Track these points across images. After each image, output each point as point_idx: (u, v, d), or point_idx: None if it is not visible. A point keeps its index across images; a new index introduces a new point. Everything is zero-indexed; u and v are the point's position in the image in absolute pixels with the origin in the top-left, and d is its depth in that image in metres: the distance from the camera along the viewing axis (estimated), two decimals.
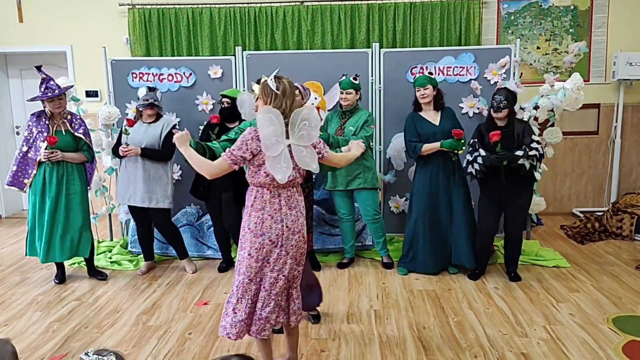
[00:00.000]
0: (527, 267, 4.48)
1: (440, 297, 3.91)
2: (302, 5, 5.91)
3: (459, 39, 5.85)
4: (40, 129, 4.13)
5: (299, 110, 2.54)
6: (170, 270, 4.62)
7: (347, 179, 4.37)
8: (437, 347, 3.16)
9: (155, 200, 4.32)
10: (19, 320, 3.65)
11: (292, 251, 2.66)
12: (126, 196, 4.37)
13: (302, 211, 2.71)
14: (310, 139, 2.57)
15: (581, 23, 5.99)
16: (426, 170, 4.25)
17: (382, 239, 4.56)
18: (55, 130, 4.13)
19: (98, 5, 6.15)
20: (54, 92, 4.04)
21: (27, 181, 4.17)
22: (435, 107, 4.25)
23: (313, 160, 2.59)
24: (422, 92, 4.18)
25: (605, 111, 6.13)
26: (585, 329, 3.35)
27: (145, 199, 4.30)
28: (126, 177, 4.37)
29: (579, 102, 4.47)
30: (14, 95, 6.71)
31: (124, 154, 4.20)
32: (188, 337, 3.36)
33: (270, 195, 2.59)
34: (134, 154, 4.20)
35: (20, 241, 5.59)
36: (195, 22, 5.97)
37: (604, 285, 4.07)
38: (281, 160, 2.53)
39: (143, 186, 4.28)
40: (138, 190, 4.30)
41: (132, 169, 4.33)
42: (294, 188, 2.67)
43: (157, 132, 4.30)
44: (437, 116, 4.24)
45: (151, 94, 4.31)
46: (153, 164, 4.30)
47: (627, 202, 5.54)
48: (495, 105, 3.97)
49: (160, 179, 4.33)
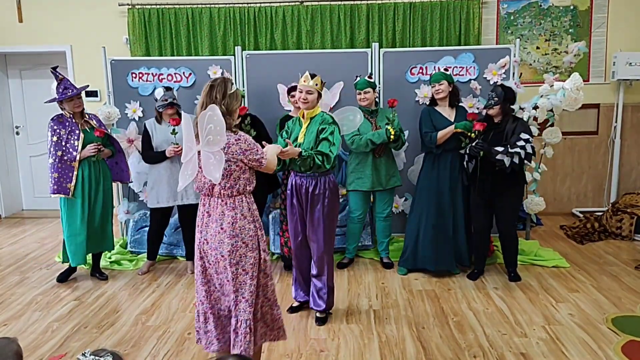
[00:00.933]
0: (526, 267, 4.48)
1: (440, 297, 3.91)
2: (302, 5, 5.91)
3: (458, 39, 5.85)
4: (69, 129, 4.12)
5: (204, 113, 2.37)
6: (170, 270, 4.62)
7: (387, 178, 4.39)
8: (437, 347, 3.16)
9: (186, 197, 4.42)
10: (19, 320, 3.65)
11: (214, 266, 2.51)
12: (177, 196, 4.38)
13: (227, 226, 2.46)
14: (218, 142, 2.35)
15: (581, 23, 5.99)
16: (433, 168, 4.25)
17: (387, 239, 4.58)
18: (82, 129, 4.15)
19: (98, 5, 6.15)
20: (73, 92, 4.05)
21: (70, 185, 4.12)
22: (451, 103, 4.27)
23: (218, 168, 2.35)
24: (437, 88, 4.20)
25: (605, 111, 6.13)
26: (584, 329, 3.35)
27: (180, 196, 4.39)
28: (170, 179, 4.34)
29: (579, 102, 4.47)
30: (14, 95, 6.70)
31: (177, 153, 4.19)
32: (187, 337, 3.36)
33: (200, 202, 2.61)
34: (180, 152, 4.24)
35: (19, 241, 5.60)
36: (195, 22, 5.97)
37: (603, 286, 4.07)
38: (189, 167, 2.48)
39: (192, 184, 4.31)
40: (190, 188, 4.29)
41: (177, 169, 4.29)
42: (219, 199, 2.49)
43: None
44: (452, 112, 4.26)
45: (169, 94, 4.32)
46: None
47: (626, 202, 5.54)
48: (487, 101, 4.05)
49: None
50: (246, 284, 2.50)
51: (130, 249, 4.99)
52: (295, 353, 3.13)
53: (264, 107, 4.88)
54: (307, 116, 3.36)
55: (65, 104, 4.10)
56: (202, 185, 2.54)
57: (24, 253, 5.16)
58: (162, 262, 4.82)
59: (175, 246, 4.89)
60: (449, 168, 4.22)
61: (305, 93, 3.29)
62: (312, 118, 3.35)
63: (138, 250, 4.92)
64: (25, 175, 6.87)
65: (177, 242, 4.87)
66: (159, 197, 4.40)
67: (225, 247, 2.46)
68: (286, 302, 3.77)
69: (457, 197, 4.25)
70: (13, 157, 6.80)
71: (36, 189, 6.83)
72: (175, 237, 4.88)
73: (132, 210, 5.03)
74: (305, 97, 3.29)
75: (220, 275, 2.53)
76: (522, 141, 3.89)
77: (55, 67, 4.13)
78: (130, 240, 5.00)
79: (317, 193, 3.35)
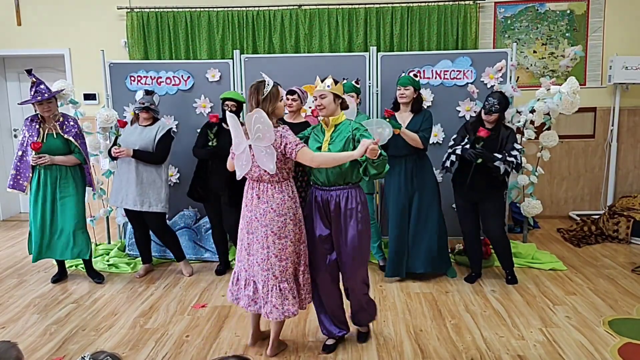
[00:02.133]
0: (523, 269, 4.49)
1: (437, 300, 3.92)
2: (300, 9, 5.93)
3: (456, 43, 5.88)
4: (31, 132, 4.15)
5: (250, 114, 2.78)
6: (168, 272, 4.63)
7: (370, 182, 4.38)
8: (434, 350, 3.17)
9: (147, 204, 4.32)
10: (16, 323, 3.65)
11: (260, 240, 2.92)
12: (119, 199, 4.38)
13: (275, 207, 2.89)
14: (266, 139, 2.76)
15: (577, 27, 6.02)
16: (391, 174, 4.20)
17: (377, 243, 4.59)
18: (46, 134, 4.14)
19: (96, 8, 6.16)
20: (43, 96, 4.04)
21: (26, 183, 4.21)
22: (412, 109, 4.17)
23: (270, 160, 2.78)
24: (402, 92, 4.10)
25: (602, 115, 6.16)
26: (581, 331, 3.36)
27: (137, 202, 4.30)
28: (119, 180, 4.39)
29: (575, 106, 4.49)
30: (12, 98, 6.71)
31: (116, 154, 4.21)
32: (185, 339, 3.36)
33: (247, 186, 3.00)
34: (125, 154, 4.20)
35: (17, 244, 5.59)
36: (194, 26, 5.99)
37: (600, 288, 4.08)
38: (242, 158, 2.90)
39: (135, 189, 4.29)
40: (130, 193, 4.31)
41: (125, 172, 4.35)
42: (268, 184, 2.90)
43: (151, 135, 4.31)
44: (408, 118, 4.16)
45: (148, 98, 4.32)
46: (146, 167, 4.31)
47: (623, 205, 5.57)
48: (487, 107, 3.98)
49: (153, 183, 4.33)
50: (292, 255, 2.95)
51: (127, 251, 4.99)
52: (293, 355, 3.14)
53: None
54: (332, 123, 3.00)
55: (36, 107, 4.12)
56: (253, 173, 2.91)
57: (21, 256, 5.16)
58: (159, 264, 4.82)
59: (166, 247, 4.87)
60: (403, 174, 4.18)
61: (318, 98, 2.96)
62: (337, 125, 3.01)
63: (135, 253, 4.91)
64: None
65: None
66: (111, 196, 4.45)
67: (275, 224, 2.88)
68: None
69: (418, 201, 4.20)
70: (11, 159, 6.76)
71: None
72: None
73: None
74: (319, 103, 2.96)
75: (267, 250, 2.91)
76: (516, 151, 3.95)
77: (29, 70, 4.12)
78: (128, 243, 5.00)
79: (350, 207, 2.98)
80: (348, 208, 2.97)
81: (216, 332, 3.46)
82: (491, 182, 4.02)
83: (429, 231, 4.23)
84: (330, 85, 2.97)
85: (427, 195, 4.22)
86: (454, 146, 4.07)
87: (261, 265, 2.92)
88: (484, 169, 3.95)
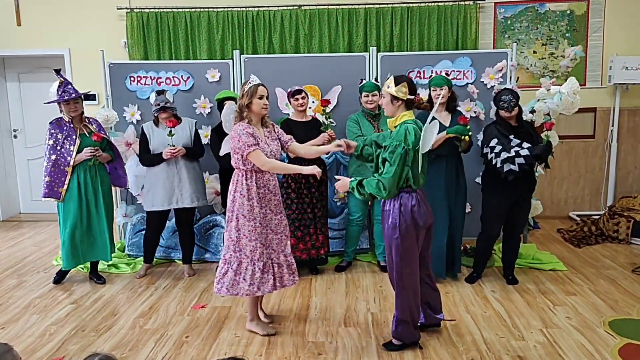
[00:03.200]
0: (524, 270, 4.49)
1: None
2: (300, 9, 5.93)
3: (455, 43, 5.87)
4: (66, 133, 4.14)
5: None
6: (168, 273, 4.62)
7: None
8: (435, 350, 3.16)
9: (201, 199, 4.46)
10: (16, 324, 3.64)
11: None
12: (173, 200, 4.36)
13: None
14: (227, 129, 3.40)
15: (577, 27, 6.02)
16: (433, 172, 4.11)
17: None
18: (79, 134, 4.15)
19: (96, 8, 6.15)
20: (70, 95, 4.05)
21: (62, 189, 4.14)
22: (448, 108, 4.20)
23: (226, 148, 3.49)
24: (438, 92, 4.08)
25: (602, 115, 6.16)
26: (582, 332, 3.36)
27: (194, 199, 4.39)
28: (163, 182, 4.34)
29: (575, 106, 4.49)
30: (12, 98, 6.70)
31: (174, 155, 4.23)
32: (185, 340, 3.36)
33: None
34: (182, 154, 4.28)
35: (17, 244, 5.59)
36: (193, 26, 5.98)
37: (600, 289, 4.08)
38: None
39: (190, 187, 4.35)
40: (185, 192, 4.34)
41: (172, 172, 4.33)
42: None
43: (186, 132, 4.39)
44: (448, 118, 4.17)
45: (161, 98, 4.32)
46: (193, 164, 4.42)
47: (623, 206, 5.56)
48: (506, 105, 3.96)
49: (200, 178, 4.50)
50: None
51: (128, 252, 4.99)
52: (293, 356, 3.13)
53: None
54: (390, 125, 3.08)
55: (62, 107, 4.12)
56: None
57: (21, 256, 5.16)
58: (159, 265, 4.82)
59: (173, 249, 4.89)
60: (443, 173, 4.12)
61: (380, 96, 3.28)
62: (396, 126, 3.02)
63: (136, 253, 4.91)
64: (22, 178, 6.86)
65: (175, 245, 4.86)
66: (154, 200, 4.39)
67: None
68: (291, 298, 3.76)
69: (453, 203, 4.20)
70: (11, 160, 6.79)
71: (34, 192, 6.81)
72: (172, 240, 4.87)
73: (130, 214, 5.02)
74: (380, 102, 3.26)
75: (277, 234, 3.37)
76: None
77: (58, 70, 4.14)
78: (128, 244, 4.99)
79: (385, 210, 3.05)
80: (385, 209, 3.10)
81: (216, 332, 3.46)
82: (529, 182, 4.04)
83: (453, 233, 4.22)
84: (390, 86, 3.03)
85: (462, 197, 4.25)
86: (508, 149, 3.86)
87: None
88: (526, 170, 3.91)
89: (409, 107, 3.05)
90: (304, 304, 3.91)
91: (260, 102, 3.22)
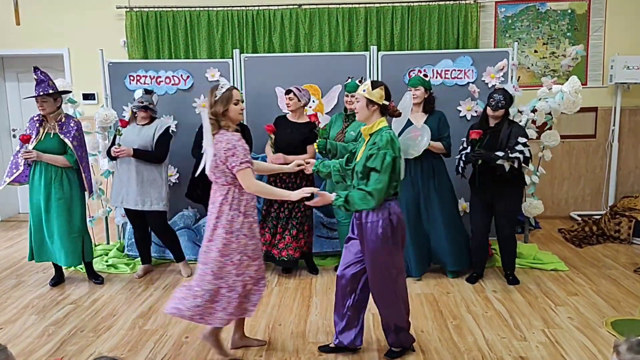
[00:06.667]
0: (525, 270, 4.47)
1: (439, 301, 3.89)
2: (300, 9, 5.91)
3: (456, 42, 5.86)
4: (31, 130, 4.14)
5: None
6: (167, 273, 4.60)
7: None
8: (436, 351, 3.14)
9: (149, 203, 4.31)
10: (14, 324, 3.62)
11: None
12: (119, 198, 4.36)
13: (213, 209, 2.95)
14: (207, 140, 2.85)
15: (578, 27, 6.00)
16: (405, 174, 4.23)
17: None
18: (45, 133, 4.12)
19: (95, 7, 6.13)
20: (38, 93, 4.02)
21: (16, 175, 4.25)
22: (424, 110, 4.25)
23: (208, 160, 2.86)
24: (413, 93, 4.13)
25: (603, 115, 6.14)
26: (583, 332, 3.34)
27: (138, 201, 4.29)
28: (119, 180, 4.37)
29: (577, 106, 4.47)
30: (11, 97, 6.68)
31: (116, 154, 4.19)
32: (185, 341, 3.34)
33: None
34: (126, 154, 4.18)
35: (16, 244, 5.57)
36: (193, 25, 5.96)
37: (602, 289, 4.06)
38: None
39: (136, 188, 4.28)
40: (131, 193, 4.29)
41: (125, 171, 4.33)
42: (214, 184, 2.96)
43: (150, 133, 4.29)
44: (422, 119, 4.22)
45: (146, 97, 4.30)
46: (147, 166, 4.29)
47: (624, 206, 5.54)
48: (494, 103, 3.99)
49: (154, 181, 4.31)
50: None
51: (127, 252, 4.97)
52: (293, 357, 3.11)
53: (262, 110, 4.87)
54: (366, 132, 2.91)
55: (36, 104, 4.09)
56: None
57: (20, 256, 5.13)
58: (159, 265, 4.79)
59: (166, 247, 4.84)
60: (419, 173, 4.22)
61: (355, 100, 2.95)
62: (372, 135, 2.87)
63: (134, 253, 4.89)
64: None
65: None
66: (128, 198, 4.34)
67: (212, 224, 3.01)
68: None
69: (432, 199, 4.24)
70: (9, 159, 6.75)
71: None
72: None
73: None
74: (355, 106, 2.93)
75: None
76: (521, 145, 3.91)
77: (36, 68, 4.10)
78: (127, 244, 4.97)
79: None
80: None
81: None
82: (508, 180, 4.00)
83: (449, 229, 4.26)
84: (366, 89, 2.84)
85: (443, 198, 4.26)
86: (461, 150, 4.10)
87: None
88: (489, 169, 3.96)
89: (383, 114, 2.89)
90: (304, 304, 3.89)
91: (236, 108, 2.92)
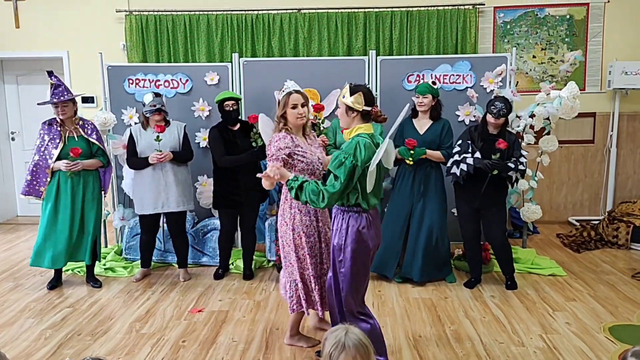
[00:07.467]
0: (523, 275, 4.47)
1: (437, 306, 3.89)
2: (299, 13, 5.92)
3: (455, 47, 5.87)
4: (52, 136, 4.13)
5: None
6: (165, 277, 4.59)
7: None
8: (434, 356, 3.14)
9: (188, 203, 4.42)
10: (11, 327, 3.61)
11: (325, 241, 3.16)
12: (159, 204, 4.33)
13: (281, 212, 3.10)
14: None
15: (577, 32, 6.02)
16: (403, 179, 4.34)
17: None
18: (67, 137, 4.13)
19: (95, 11, 6.14)
20: (59, 98, 4.03)
21: (43, 189, 4.15)
22: (431, 116, 4.29)
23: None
24: (420, 100, 4.23)
25: (601, 120, 6.15)
26: (581, 337, 3.34)
27: (180, 203, 4.36)
28: (150, 185, 4.32)
29: (575, 111, 4.48)
30: (10, 100, 6.68)
31: (160, 160, 4.20)
32: (182, 344, 3.33)
33: None
34: (169, 158, 4.25)
35: (13, 247, 5.56)
36: (192, 29, 5.97)
37: (600, 294, 4.06)
38: None
39: (176, 190, 4.32)
40: (172, 196, 4.32)
41: (159, 176, 4.31)
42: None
43: (174, 136, 4.37)
44: (426, 125, 4.28)
45: (158, 100, 4.31)
46: (180, 168, 4.38)
47: (622, 211, 5.55)
48: (496, 111, 3.98)
49: (186, 181, 4.45)
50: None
51: (124, 255, 4.96)
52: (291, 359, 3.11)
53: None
54: (345, 137, 2.81)
55: (53, 109, 4.10)
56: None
57: (18, 259, 5.12)
58: (156, 269, 4.79)
59: (170, 253, 4.85)
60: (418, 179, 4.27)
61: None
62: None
63: (133, 257, 4.88)
64: (20, 181, 6.76)
65: (171, 249, 4.83)
66: (143, 204, 4.37)
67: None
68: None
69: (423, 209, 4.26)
70: (8, 162, 6.77)
71: None
72: (169, 244, 4.84)
73: (127, 217, 4.99)
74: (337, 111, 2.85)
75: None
76: (523, 157, 3.99)
77: (50, 72, 4.13)
78: (125, 247, 4.97)
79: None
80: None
81: (213, 337, 3.43)
82: (495, 189, 4.03)
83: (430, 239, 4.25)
84: (345, 95, 2.72)
85: (435, 203, 4.27)
86: (461, 153, 4.04)
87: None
88: (496, 179, 3.97)
89: (366, 119, 2.74)
90: None
91: (294, 112, 2.98)
